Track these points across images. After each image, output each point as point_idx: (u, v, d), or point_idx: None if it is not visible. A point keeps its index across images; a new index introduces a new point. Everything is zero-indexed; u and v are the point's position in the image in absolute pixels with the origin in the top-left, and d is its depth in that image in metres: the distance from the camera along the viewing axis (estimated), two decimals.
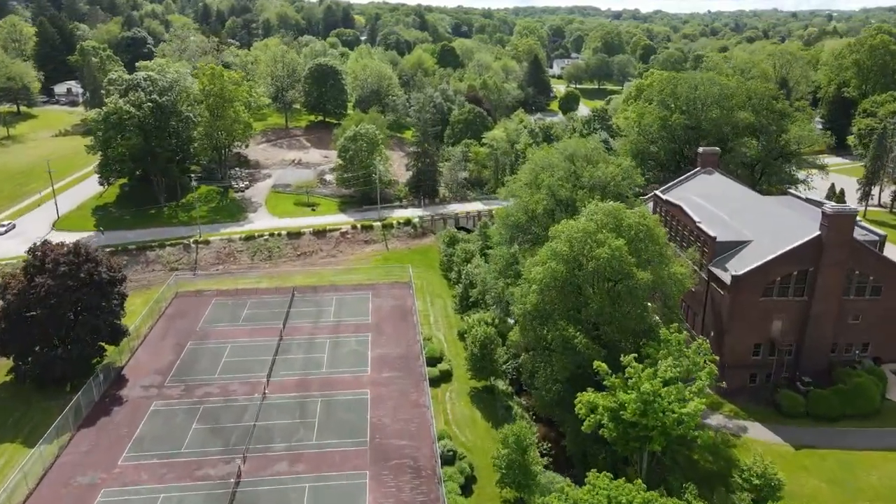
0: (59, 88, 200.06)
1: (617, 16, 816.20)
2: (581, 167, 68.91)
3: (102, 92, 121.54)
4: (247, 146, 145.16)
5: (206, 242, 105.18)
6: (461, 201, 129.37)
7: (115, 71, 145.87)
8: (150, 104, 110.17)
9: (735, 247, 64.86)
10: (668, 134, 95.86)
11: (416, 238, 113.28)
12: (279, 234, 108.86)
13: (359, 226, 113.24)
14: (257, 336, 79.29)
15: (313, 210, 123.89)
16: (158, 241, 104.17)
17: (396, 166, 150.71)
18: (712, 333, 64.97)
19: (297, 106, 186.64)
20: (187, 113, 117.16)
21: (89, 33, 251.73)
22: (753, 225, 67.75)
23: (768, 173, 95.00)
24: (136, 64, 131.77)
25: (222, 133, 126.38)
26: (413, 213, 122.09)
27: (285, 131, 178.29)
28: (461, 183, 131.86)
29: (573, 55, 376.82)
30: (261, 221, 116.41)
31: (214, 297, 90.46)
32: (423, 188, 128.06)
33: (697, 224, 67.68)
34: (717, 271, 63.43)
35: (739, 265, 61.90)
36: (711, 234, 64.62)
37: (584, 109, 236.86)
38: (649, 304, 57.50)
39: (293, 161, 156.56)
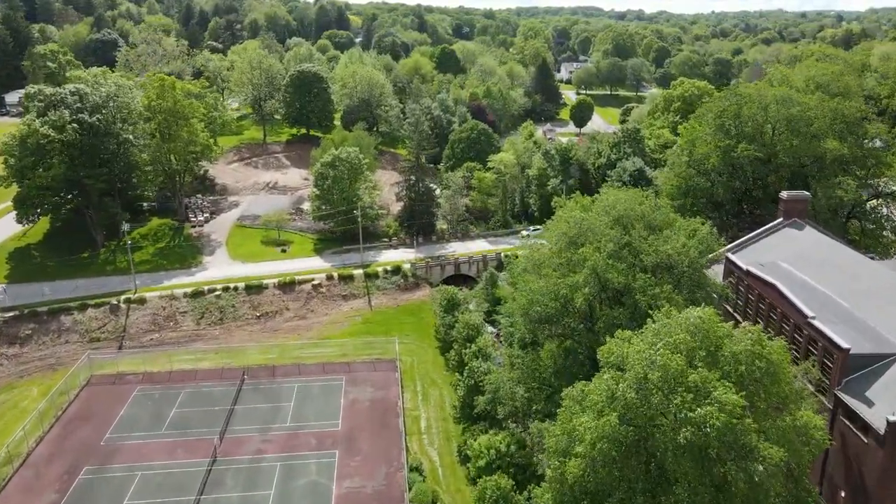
0: (11, 98, 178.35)
1: (621, 16, 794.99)
2: (638, 237, 47.08)
3: (21, 109, 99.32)
4: (205, 172, 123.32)
5: (142, 301, 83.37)
6: (462, 239, 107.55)
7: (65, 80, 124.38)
8: (74, 125, 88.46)
9: (878, 362, 43.10)
10: (730, 168, 74.21)
11: (406, 291, 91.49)
12: (235, 288, 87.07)
13: (336, 275, 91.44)
14: (182, 455, 57.54)
15: (283, 251, 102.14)
16: (79, 301, 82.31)
17: (387, 191, 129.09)
18: (843, 494, 43.20)
19: (279, 118, 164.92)
20: (126, 134, 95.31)
21: (56, 35, 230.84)
22: (894, 321, 45.99)
23: (861, 219, 73.35)
24: (67, 74, 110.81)
25: (174, 157, 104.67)
26: (404, 255, 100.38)
27: (262, 147, 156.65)
28: (462, 216, 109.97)
29: (581, 58, 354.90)
30: (216, 268, 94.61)
31: (138, 386, 68.74)
32: (418, 223, 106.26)
33: (810, 321, 45.86)
34: (856, 405, 41.66)
35: (893, 399, 40.14)
36: (842, 343, 42.82)
37: (597, 120, 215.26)
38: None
39: (267, 184, 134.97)
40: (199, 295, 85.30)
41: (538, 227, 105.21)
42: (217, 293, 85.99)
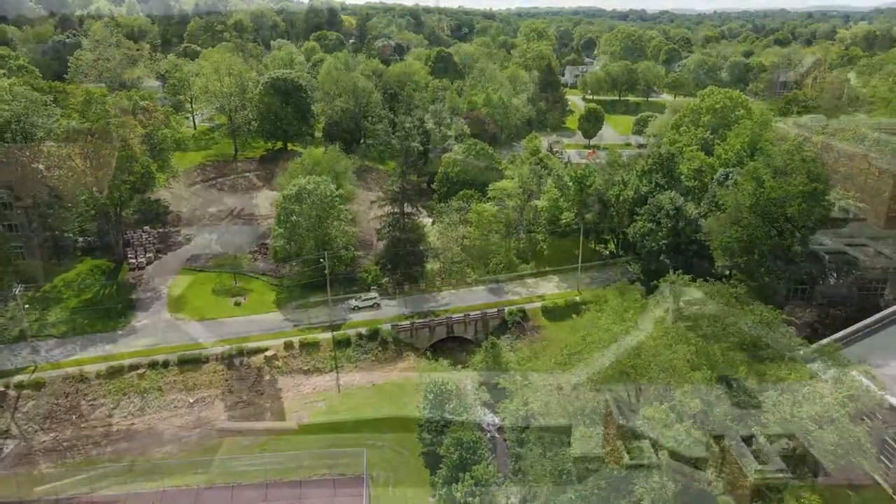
0: None
1: (623, 17, 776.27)
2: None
3: None
4: (148, 198, 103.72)
5: (39, 385, 64.25)
6: (457, 285, 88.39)
7: None
8: None
9: None
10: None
11: (385, 363, 72.40)
12: (166, 364, 67.92)
13: (297, 343, 72.26)
14: None
15: (238, 305, 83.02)
16: None
17: (370, 217, 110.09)
18: None
19: (252, 129, 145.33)
20: (36, 163, 76.32)
21: (17, 36, 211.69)
22: None
23: None
24: None
25: (107, 187, 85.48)
26: (385, 310, 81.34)
27: (231, 165, 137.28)
28: (457, 256, 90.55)
29: (587, 60, 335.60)
30: (149, 332, 75.28)
31: None
32: (402, 271, 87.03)
33: None
34: None
35: None
36: None
37: (607, 129, 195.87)
38: None
39: (231, 212, 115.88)
40: (117, 374, 66.21)
41: (372, 294, 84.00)
42: (141, 371, 66.88)
